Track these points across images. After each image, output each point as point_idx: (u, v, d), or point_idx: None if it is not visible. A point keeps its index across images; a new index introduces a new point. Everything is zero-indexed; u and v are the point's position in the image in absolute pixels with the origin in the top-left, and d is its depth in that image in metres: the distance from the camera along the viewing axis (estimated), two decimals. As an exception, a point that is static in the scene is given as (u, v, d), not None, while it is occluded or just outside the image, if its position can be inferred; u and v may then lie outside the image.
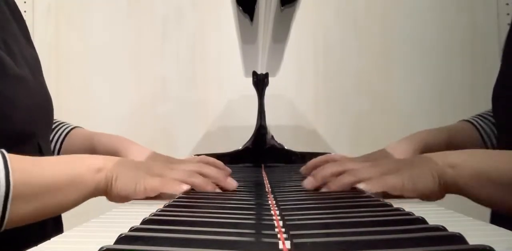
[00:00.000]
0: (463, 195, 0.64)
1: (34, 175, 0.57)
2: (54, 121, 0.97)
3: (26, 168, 0.57)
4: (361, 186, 0.63)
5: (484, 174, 0.61)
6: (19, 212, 0.55)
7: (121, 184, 0.64)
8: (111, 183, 0.64)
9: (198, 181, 0.67)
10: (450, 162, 0.63)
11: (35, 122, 0.75)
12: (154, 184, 0.64)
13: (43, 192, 0.58)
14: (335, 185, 0.66)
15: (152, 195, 0.65)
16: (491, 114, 0.97)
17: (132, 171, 0.66)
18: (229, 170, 0.76)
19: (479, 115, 1.00)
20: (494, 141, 0.94)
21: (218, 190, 0.68)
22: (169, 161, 0.83)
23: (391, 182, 0.63)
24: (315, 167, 0.76)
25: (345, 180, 0.66)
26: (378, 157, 0.87)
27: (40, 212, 0.59)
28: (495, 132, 0.94)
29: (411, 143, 0.95)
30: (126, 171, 0.65)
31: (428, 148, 0.93)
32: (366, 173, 0.66)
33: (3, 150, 0.56)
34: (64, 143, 0.96)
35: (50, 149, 0.88)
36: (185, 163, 0.75)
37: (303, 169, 0.87)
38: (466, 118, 1.01)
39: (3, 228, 0.54)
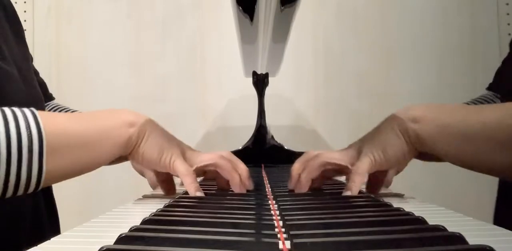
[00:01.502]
0: (431, 152, 0.61)
1: (66, 129, 0.56)
2: (52, 104, 0.96)
3: (59, 122, 0.56)
4: (347, 193, 0.62)
5: (449, 127, 0.58)
6: (55, 165, 0.54)
7: (149, 147, 0.63)
8: (141, 141, 0.63)
9: (227, 164, 0.66)
10: (413, 116, 0.61)
11: None
12: (179, 167, 0.63)
13: (77, 145, 0.57)
14: (306, 173, 0.65)
15: (173, 174, 0.64)
16: (488, 96, 0.97)
17: (164, 139, 0.64)
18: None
19: (477, 98, 0.99)
20: None
21: (236, 183, 0.66)
22: None
23: (363, 167, 0.62)
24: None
25: (314, 163, 0.65)
26: None
27: (77, 165, 0.58)
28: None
29: None
30: (158, 135, 0.64)
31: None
32: (334, 155, 0.65)
33: (33, 109, 0.55)
34: None
35: None
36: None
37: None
38: (464, 102, 1.00)
39: (41, 184, 0.53)
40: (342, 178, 0.77)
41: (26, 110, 0.54)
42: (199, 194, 0.63)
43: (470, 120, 0.57)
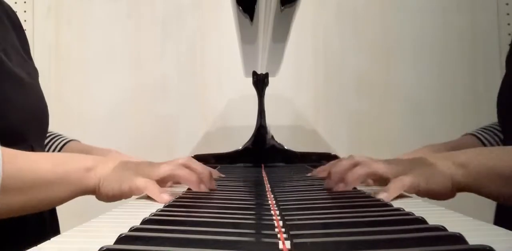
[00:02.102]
0: (474, 193, 0.66)
1: (24, 170, 0.58)
2: (51, 133, 0.98)
3: (18, 162, 0.58)
4: (381, 196, 0.62)
5: (493, 170, 0.63)
6: (8, 204, 0.56)
7: (108, 184, 0.65)
8: (100, 183, 0.65)
9: (184, 173, 0.67)
10: (460, 162, 0.64)
11: (29, 122, 0.76)
12: (138, 184, 0.65)
13: (32, 187, 0.59)
14: (351, 178, 0.66)
15: (138, 194, 0.66)
16: (495, 126, 0.97)
17: (120, 171, 0.66)
18: (215, 172, 0.76)
19: (483, 128, 1.00)
20: None
21: (203, 188, 0.68)
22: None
23: (407, 183, 0.63)
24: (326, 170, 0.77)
25: (359, 171, 0.66)
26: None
27: (28, 205, 0.60)
28: (500, 144, 0.94)
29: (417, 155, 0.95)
30: (114, 171, 0.66)
31: None
32: (381, 166, 0.66)
33: None
34: None
35: (43, 151, 0.88)
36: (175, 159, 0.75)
37: (314, 172, 0.88)
38: (470, 132, 1.00)
39: None
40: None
41: None
42: (166, 197, 0.63)
43: (508, 161, 0.63)
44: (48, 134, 0.97)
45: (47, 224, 0.82)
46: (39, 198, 0.61)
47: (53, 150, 0.96)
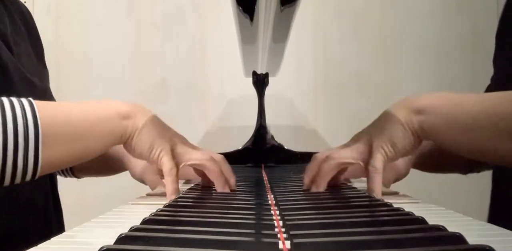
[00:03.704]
0: (431, 140, 0.63)
1: (62, 118, 0.57)
2: None
3: (55, 111, 0.57)
4: (372, 194, 0.62)
5: (453, 118, 0.60)
6: (51, 154, 0.54)
7: (141, 140, 0.63)
8: (133, 134, 0.63)
9: (215, 168, 0.66)
10: (418, 107, 0.62)
11: None
12: (165, 165, 0.63)
13: (72, 134, 0.58)
14: (320, 179, 0.65)
15: (159, 168, 0.65)
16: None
17: (156, 131, 0.65)
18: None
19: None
20: None
21: (221, 188, 0.67)
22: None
23: (379, 166, 0.62)
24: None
25: (327, 165, 0.65)
26: None
27: (72, 154, 0.58)
28: None
29: None
30: (151, 128, 0.64)
31: (423, 157, 0.93)
32: (344, 153, 0.65)
33: (31, 99, 0.55)
34: None
35: None
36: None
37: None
38: None
39: (38, 172, 0.54)
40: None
41: (24, 99, 0.55)
42: (173, 196, 0.63)
43: (473, 110, 0.58)
44: None
45: (52, 222, 0.82)
46: (81, 146, 0.59)
47: None
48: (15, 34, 0.79)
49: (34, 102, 0.55)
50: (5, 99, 0.53)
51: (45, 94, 0.81)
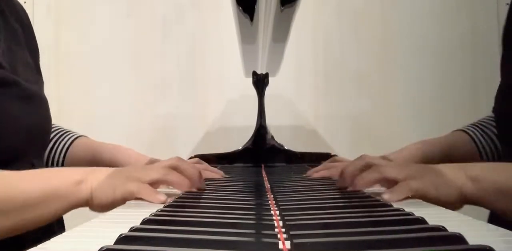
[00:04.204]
0: (481, 207, 0.65)
1: (12, 190, 0.59)
2: (57, 128, 0.98)
3: (4, 184, 0.58)
4: (385, 196, 0.62)
5: (504, 188, 0.62)
6: (2, 224, 0.56)
7: (100, 194, 0.64)
8: (92, 194, 0.64)
9: (174, 178, 0.67)
10: (473, 175, 0.63)
11: (32, 141, 0.77)
12: (131, 189, 0.64)
13: (22, 207, 0.59)
14: (361, 182, 0.66)
15: (131, 199, 0.65)
16: (485, 122, 0.97)
17: (110, 180, 0.65)
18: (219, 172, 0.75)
19: (474, 125, 0.99)
20: (489, 151, 0.94)
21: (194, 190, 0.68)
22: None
23: (415, 187, 0.62)
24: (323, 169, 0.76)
25: (371, 175, 0.66)
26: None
27: (20, 226, 0.60)
28: (490, 143, 0.94)
29: (409, 152, 0.95)
30: (104, 180, 0.65)
31: (425, 158, 0.93)
32: (392, 171, 0.65)
33: None
34: (67, 154, 0.97)
35: (43, 165, 0.88)
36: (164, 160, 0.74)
37: (309, 172, 0.87)
38: (461, 128, 1.00)
39: None
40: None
41: None
42: (162, 197, 0.63)
43: None
44: (54, 129, 0.97)
45: (54, 225, 0.82)
46: (31, 217, 0.60)
47: (62, 147, 0.96)
48: (11, 40, 0.78)
49: None
50: None
51: (39, 104, 0.80)
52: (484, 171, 0.64)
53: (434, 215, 0.49)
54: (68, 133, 0.99)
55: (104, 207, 0.65)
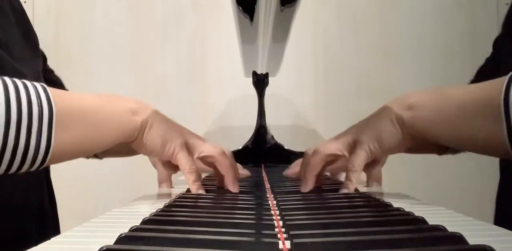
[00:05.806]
0: (421, 136, 0.62)
1: (76, 107, 0.56)
2: None
3: (68, 98, 0.56)
4: (343, 191, 0.63)
5: (442, 111, 0.59)
6: (63, 140, 0.53)
7: (152, 137, 0.62)
8: (143, 131, 0.62)
9: (227, 162, 0.66)
10: (408, 104, 0.62)
11: None
12: (183, 162, 0.63)
13: (85, 125, 0.56)
14: (308, 172, 0.66)
15: (174, 163, 0.65)
16: None
17: (166, 127, 0.64)
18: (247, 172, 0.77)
19: None
20: None
21: (236, 188, 0.67)
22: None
23: (358, 164, 0.62)
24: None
25: (312, 161, 0.65)
26: None
27: (83, 144, 0.57)
28: None
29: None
30: (161, 124, 0.63)
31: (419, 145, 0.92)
32: (329, 145, 0.66)
33: (44, 84, 0.54)
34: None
35: None
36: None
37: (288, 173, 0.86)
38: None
39: (48, 160, 0.52)
40: (342, 176, 0.77)
41: (37, 84, 0.53)
42: (201, 191, 0.64)
43: (460, 100, 0.57)
44: None
45: (49, 223, 0.82)
46: (91, 136, 0.57)
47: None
48: (1, 18, 0.76)
49: (48, 88, 0.53)
50: (18, 81, 0.51)
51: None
52: (421, 98, 0.62)
53: (434, 215, 0.49)
54: None
55: (148, 150, 0.63)
